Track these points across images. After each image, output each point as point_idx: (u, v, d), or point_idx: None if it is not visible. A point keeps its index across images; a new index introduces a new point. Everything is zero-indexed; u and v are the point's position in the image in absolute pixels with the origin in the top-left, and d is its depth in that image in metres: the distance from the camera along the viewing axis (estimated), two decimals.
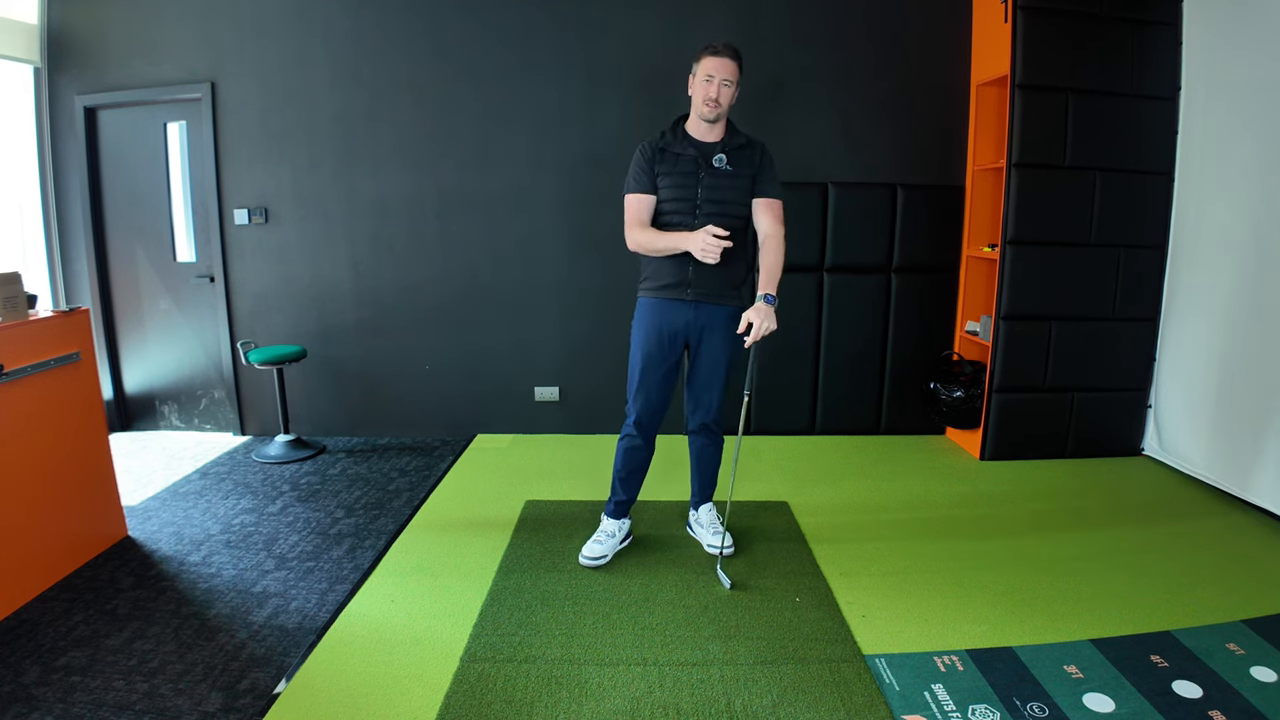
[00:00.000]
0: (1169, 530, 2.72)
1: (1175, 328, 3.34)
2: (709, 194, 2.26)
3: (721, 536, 2.48)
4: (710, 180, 2.26)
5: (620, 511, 2.52)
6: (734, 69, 2.23)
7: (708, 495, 2.61)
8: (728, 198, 2.27)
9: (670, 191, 2.29)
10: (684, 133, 2.32)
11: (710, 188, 2.26)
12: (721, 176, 2.27)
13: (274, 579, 2.38)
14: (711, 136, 2.30)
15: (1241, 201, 2.94)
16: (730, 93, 2.23)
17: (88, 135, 3.72)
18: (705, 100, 2.23)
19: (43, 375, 2.30)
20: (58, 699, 1.76)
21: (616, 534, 2.51)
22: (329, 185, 3.70)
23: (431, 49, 3.60)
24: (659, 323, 2.33)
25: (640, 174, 2.30)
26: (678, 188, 2.28)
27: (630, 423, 2.42)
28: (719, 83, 2.21)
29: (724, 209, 2.27)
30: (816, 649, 1.97)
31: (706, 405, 2.41)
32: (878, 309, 3.72)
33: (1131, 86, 3.24)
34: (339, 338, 3.82)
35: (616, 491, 2.50)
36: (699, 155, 2.27)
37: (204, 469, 3.42)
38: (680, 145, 2.29)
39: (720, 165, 2.27)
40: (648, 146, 2.32)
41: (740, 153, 2.30)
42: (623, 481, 2.48)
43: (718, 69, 2.22)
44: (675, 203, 2.28)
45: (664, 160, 2.29)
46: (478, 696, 1.77)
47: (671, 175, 2.28)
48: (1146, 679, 1.82)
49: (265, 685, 1.82)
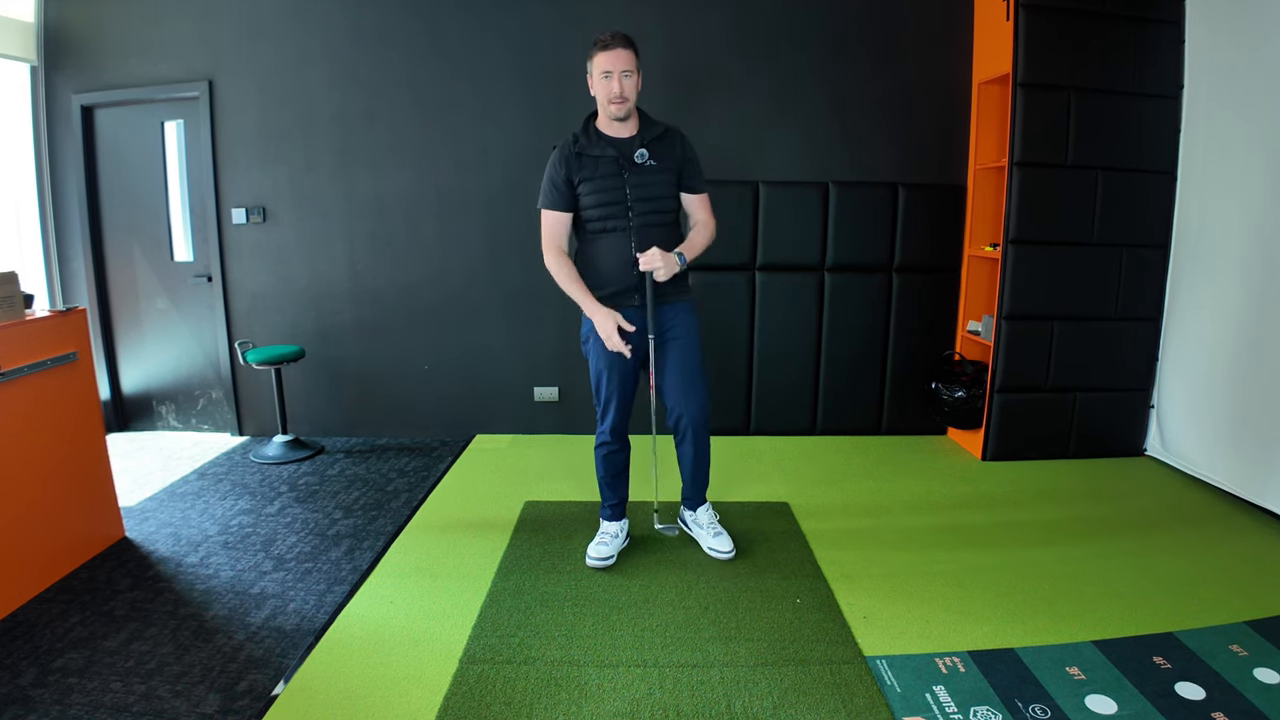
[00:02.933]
0: (1172, 531, 2.71)
1: (1178, 327, 3.33)
2: (638, 193, 2.19)
3: (724, 539, 2.45)
4: (636, 178, 2.19)
5: (616, 514, 2.50)
6: (630, 58, 2.13)
7: (703, 496, 2.54)
8: (657, 194, 2.22)
9: (596, 196, 2.19)
10: (597, 132, 2.23)
11: (637, 185, 2.19)
12: (646, 173, 2.20)
13: (272, 580, 2.37)
14: (626, 131, 2.22)
15: (1245, 200, 2.93)
16: (634, 82, 2.15)
17: (85, 134, 3.70)
18: (610, 99, 2.14)
19: (39, 375, 2.29)
20: (55, 700, 1.75)
21: (619, 534, 2.49)
22: (327, 185, 3.69)
23: (430, 48, 3.59)
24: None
25: (553, 190, 2.21)
26: (604, 191, 2.19)
27: (604, 430, 2.37)
28: (619, 75, 2.12)
29: (655, 205, 2.22)
30: (817, 650, 1.96)
31: (688, 408, 2.32)
32: (879, 309, 3.71)
33: (1134, 85, 3.22)
34: (337, 338, 3.81)
35: (606, 496, 2.48)
36: (619, 154, 2.19)
37: (202, 470, 3.41)
38: (597, 146, 2.20)
39: (643, 161, 2.19)
40: (560, 154, 2.21)
41: (660, 144, 2.23)
42: (610, 486, 2.45)
43: (613, 62, 2.11)
44: (604, 208, 2.20)
45: (582, 165, 2.19)
46: (477, 698, 1.76)
47: (594, 180, 2.19)
48: (1149, 680, 1.81)
49: (263, 687, 1.82)
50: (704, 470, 2.48)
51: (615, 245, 2.23)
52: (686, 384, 2.31)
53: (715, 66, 3.59)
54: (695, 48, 3.58)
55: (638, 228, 2.21)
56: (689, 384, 2.31)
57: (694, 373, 2.32)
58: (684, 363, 2.30)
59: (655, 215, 2.21)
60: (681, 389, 2.31)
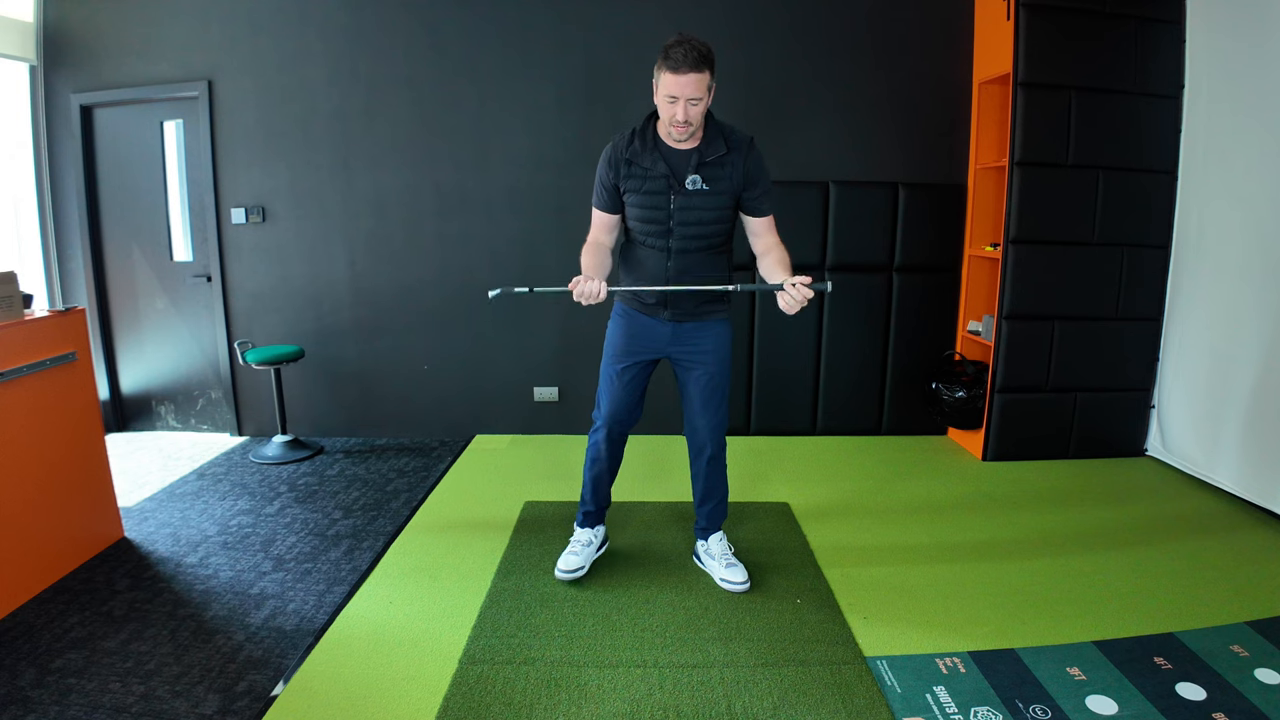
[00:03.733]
0: (1172, 531, 2.71)
1: (1179, 327, 3.33)
2: (683, 215, 2.02)
3: (737, 569, 2.27)
4: (683, 200, 2.01)
5: (589, 520, 2.39)
6: (701, 83, 1.88)
7: (717, 524, 2.36)
8: (704, 219, 2.04)
9: (639, 211, 2.06)
10: (654, 138, 2.03)
11: (684, 208, 2.02)
12: (696, 196, 2.01)
13: (271, 580, 2.36)
14: (684, 145, 2.02)
15: (1246, 200, 2.92)
16: (701, 109, 1.93)
17: (84, 133, 3.70)
18: (672, 123, 1.94)
19: (38, 375, 2.28)
20: (53, 701, 1.75)
21: (592, 542, 2.38)
22: (326, 184, 3.68)
23: (430, 46, 3.58)
24: (633, 331, 2.18)
25: (601, 190, 2.09)
26: (648, 208, 2.04)
27: (597, 415, 2.27)
28: (684, 103, 1.89)
29: (700, 230, 2.05)
30: (817, 651, 1.95)
31: (711, 435, 2.21)
32: (879, 309, 3.71)
33: (1135, 84, 3.22)
34: (337, 338, 3.81)
35: (585, 500, 2.38)
36: (670, 173, 2.00)
37: (201, 470, 3.40)
38: (649, 158, 2.01)
39: (695, 187, 2.00)
40: (610, 155, 2.06)
41: (719, 167, 2.01)
42: (591, 483, 2.35)
43: (680, 88, 1.87)
44: (646, 224, 2.07)
45: (631, 175, 2.04)
46: (476, 699, 1.75)
47: (639, 194, 2.04)
48: (1150, 681, 1.81)
49: (263, 687, 1.81)
50: (718, 495, 2.33)
51: (652, 259, 2.11)
52: (709, 409, 2.19)
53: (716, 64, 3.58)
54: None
55: (677, 250, 2.07)
56: (712, 409, 2.19)
57: (718, 398, 2.19)
58: (709, 386, 2.18)
59: (698, 240, 2.06)
60: (703, 413, 2.20)
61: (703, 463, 2.28)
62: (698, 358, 2.18)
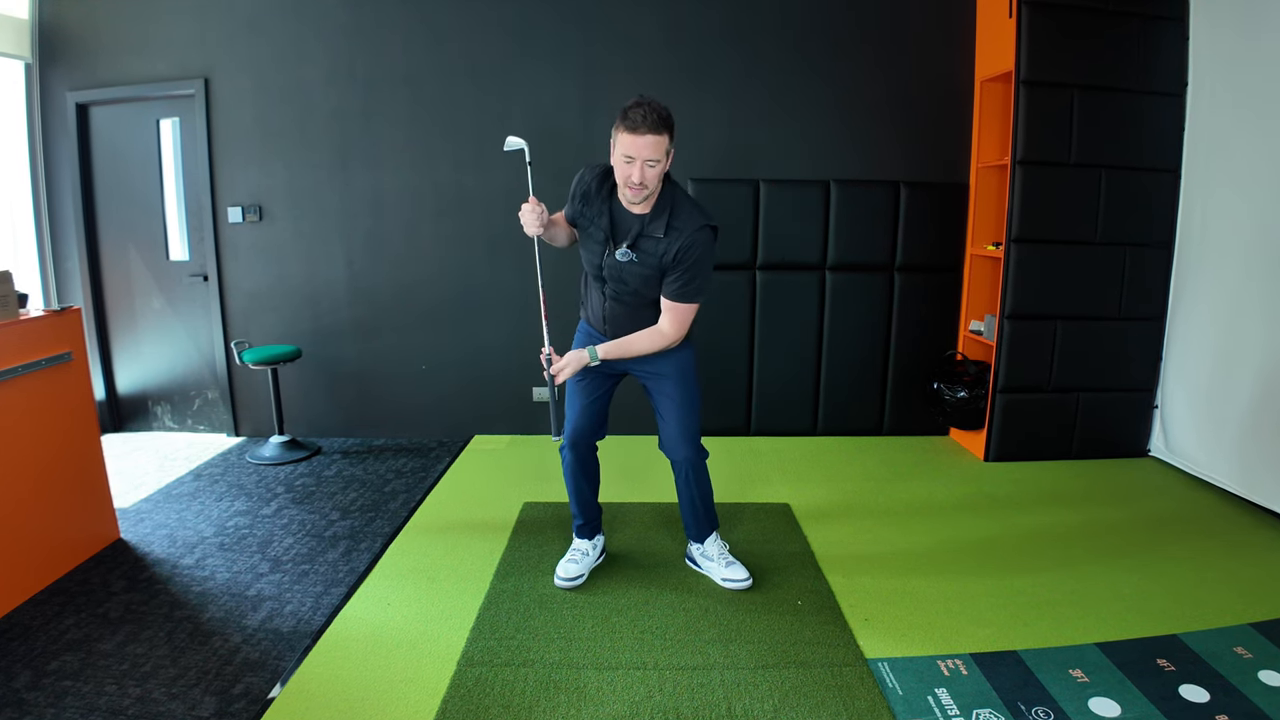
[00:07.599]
0: (1175, 532, 2.69)
1: (1182, 327, 3.31)
2: (614, 272, 2.05)
3: (737, 567, 2.27)
4: (613, 262, 2.03)
5: (585, 533, 2.37)
6: (659, 145, 1.84)
7: (706, 530, 2.34)
8: (632, 285, 2.06)
9: (583, 250, 2.13)
10: (610, 191, 2.02)
11: (614, 267, 2.04)
12: (625, 263, 2.02)
13: (269, 582, 2.35)
14: (636, 209, 1.98)
15: (1249, 198, 2.91)
16: (658, 171, 1.88)
17: (80, 132, 3.68)
18: (627, 184, 1.89)
19: (33, 375, 2.27)
20: (49, 704, 1.74)
21: (591, 551, 2.38)
22: (324, 183, 3.67)
23: (429, 44, 3.56)
24: None
25: (568, 205, 2.12)
26: (588, 251, 2.10)
27: (564, 443, 2.27)
28: (641, 165, 1.85)
29: (629, 288, 2.07)
30: (818, 653, 1.94)
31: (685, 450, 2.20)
32: (881, 308, 3.69)
33: (1137, 82, 3.21)
34: (334, 337, 3.79)
35: (575, 514, 2.36)
36: (610, 235, 2.01)
37: (197, 470, 3.39)
38: (597, 210, 2.01)
39: (625, 259, 2.00)
40: (578, 183, 2.07)
41: (654, 243, 1.97)
42: (575, 502, 2.33)
43: (638, 149, 1.83)
44: (587, 263, 2.13)
45: (582, 214, 2.07)
46: (475, 701, 1.74)
47: (584, 234, 2.10)
48: (1153, 683, 1.80)
49: (260, 689, 1.80)
50: (705, 507, 2.30)
51: (594, 294, 2.18)
52: (678, 421, 2.18)
53: (716, 63, 3.57)
54: (696, 45, 3.56)
55: (611, 297, 2.12)
56: (682, 422, 2.18)
57: (685, 409, 2.18)
58: (674, 399, 2.17)
59: (631, 297, 2.08)
60: (674, 429, 2.19)
61: (681, 476, 2.26)
62: (658, 376, 2.19)
